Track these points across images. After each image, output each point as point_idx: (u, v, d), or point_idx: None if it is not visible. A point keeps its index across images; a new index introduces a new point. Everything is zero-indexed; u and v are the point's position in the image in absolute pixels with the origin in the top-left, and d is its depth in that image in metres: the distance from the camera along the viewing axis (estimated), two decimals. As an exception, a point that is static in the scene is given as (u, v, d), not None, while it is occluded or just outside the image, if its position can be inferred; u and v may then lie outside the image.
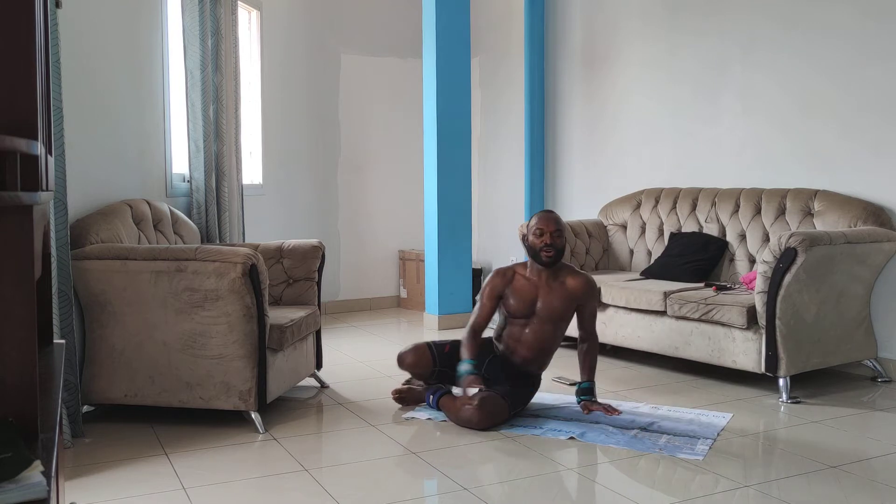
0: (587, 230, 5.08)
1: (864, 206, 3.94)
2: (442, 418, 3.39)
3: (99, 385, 3.30)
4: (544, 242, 3.35)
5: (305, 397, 3.83)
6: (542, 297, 3.39)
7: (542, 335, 3.41)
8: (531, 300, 3.40)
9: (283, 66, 5.92)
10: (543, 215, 3.45)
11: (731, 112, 4.72)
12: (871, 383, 3.94)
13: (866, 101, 4.06)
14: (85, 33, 3.55)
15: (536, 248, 3.37)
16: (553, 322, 3.41)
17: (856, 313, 3.86)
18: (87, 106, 3.56)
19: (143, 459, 2.93)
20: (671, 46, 5.08)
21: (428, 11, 5.55)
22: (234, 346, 3.22)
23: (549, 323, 3.41)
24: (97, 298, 3.28)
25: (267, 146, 5.77)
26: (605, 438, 3.10)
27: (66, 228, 3.03)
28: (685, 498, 2.55)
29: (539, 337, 3.42)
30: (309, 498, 2.58)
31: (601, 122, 5.62)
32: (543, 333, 3.41)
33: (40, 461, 0.96)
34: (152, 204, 3.89)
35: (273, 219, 5.77)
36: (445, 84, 5.50)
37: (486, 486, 2.67)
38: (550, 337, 3.44)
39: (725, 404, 3.59)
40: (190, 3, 4.30)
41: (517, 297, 3.40)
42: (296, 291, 3.96)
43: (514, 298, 3.40)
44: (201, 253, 3.20)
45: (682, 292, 4.04)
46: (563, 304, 3.41)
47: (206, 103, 4.37)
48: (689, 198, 4.78)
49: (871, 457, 2.91)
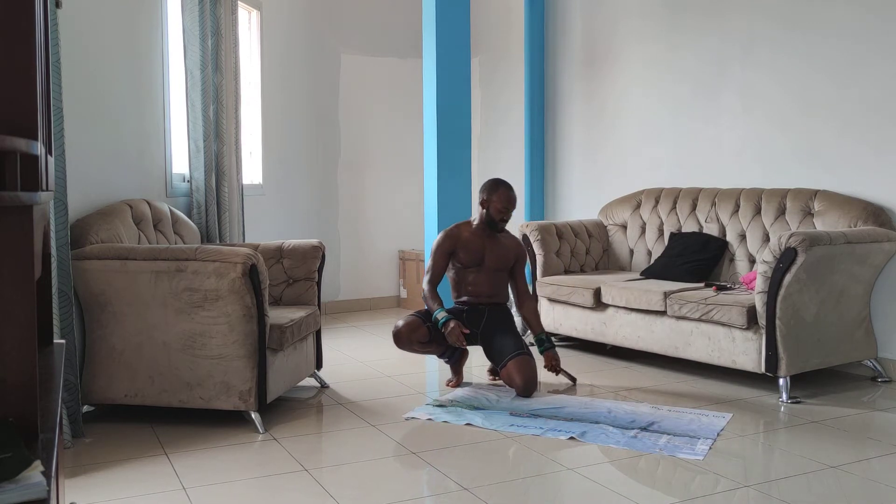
0: (587, 230, 5.08)
1: (864, 206, 3.94)
2: (443, 419, 3.39)
3: (99, 385, 3.30)
4: (502, 217, 3.99)
5: (305, 397, 3.83)
6: (489, 251, 4.04)
7: (492, 277, 4.06)
8: (480, 253, 4.03)
9: (283, 66, 5.92)
10: (511, 197, 4.00)
11: (731, 112, 4.72)
12: (871, 383, 3.94)
13: (866, 100, 4.06)
14: (85, 33, 3.55)
15: (495, 218, 3.98)
16: (498, 270, 4.07)
17: (856, 313, 3.86)
18: (87, 106, 3.56)
19: (143, 459, 2.93)
20: (671, 46, 5.08)
21: (428, 11, 5.55)
22: (234, 346, 3.22)
23: (494, 271, 4.06)
24: (97, 298, 3.28)
25: (267, 146, 5.77)
26: (605, 438, 3.10)
27: (66, 228, 3.03)
28: (685, 498, 2.55)
29: (490, 278, 4.06)
30: (309, 498, 2.58)
31: (601, 121, 5.61)
32: (494, 276, 4.07)
33: (40, 461, 0.96)
34: (152, 204, 3.89)
35: (273, 219, 5.77)
36: (445, 84, 5.50)
37: (486, 486, 2.67)
38: (500, 280, 4.10)
39: (725, 404, 3.59)
40: (190, 3, 4.30)
41: (467, 250, 4.03)
42: (296, 291, 3.96)
43: (464, 253, 4.03)
44: (201, 253, 3.20)
45: (682, 292, 4.04)
46: (504, 256, 4.07)
47: (206, 103, 4.37)
48: (689, 198, 4.78)
49: (871, 457, 2.91)
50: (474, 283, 4.05)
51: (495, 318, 4.01)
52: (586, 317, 4.52)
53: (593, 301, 4.41)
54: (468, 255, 4.03)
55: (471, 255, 4.03)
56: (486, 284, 4.05)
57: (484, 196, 4.00)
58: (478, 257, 4.03)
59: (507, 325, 4.00)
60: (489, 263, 4.03)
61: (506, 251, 4.07)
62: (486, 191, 4.00)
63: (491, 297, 4.06)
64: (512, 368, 3.78)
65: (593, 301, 4.41)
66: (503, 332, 3.95)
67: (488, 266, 4.03)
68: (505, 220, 4.00)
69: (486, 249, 4.03)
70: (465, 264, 4.05)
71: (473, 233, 4.06)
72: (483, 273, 4.04)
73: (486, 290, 4.05)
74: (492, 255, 4.03)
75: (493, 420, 3.36)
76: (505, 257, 4.06)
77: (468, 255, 4.02)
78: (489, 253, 4.03)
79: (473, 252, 4.02)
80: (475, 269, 4.04)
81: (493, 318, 4.01)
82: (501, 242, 4.08)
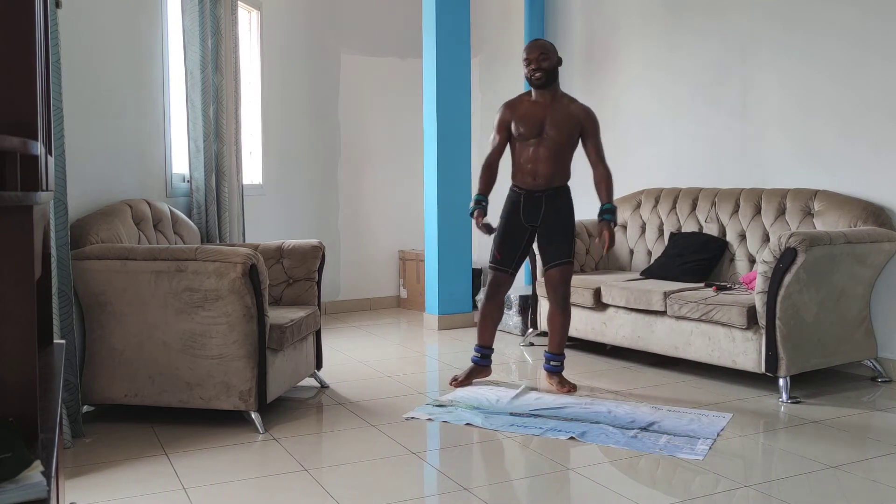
0: (587, 230, 5.08)
1: (864, 206, 3.94)
2: (443, 419, 3.39)
3: (99, 385, 3.30)
4: (531, 68, 3.76)
5: (305, 397, 3.83)
6: (549, 117, 3.78)
7: (554, 149, 3.78)
8: (539, 121, 3.78)
9: (283, 66, 5.92)
10: (528, 44, 3.83)
11: (731, 112, 4.72)
12: (871, 383, 3.94)
13: (866, 100, 4.06)
14: (85, 33, 3.55)
15: (528, 76, 3.79)
16: (560, 145, 3.79)
17: (856, 313, 3.86)
18: (87, 106, 3.56)
19: (143, 459, 2.93)
20: (671, 46, 5.08)
21: (428, 11, 5.55)
22: (234, 346, 3.22)
23: (557, 141, 3.78)
24: (97, 298, 3.28)
25: (267, 146, 5.77)
26: (605, 438, 3.10)
27: (66, 228, 3.03)
28: (685, 498, 2.55)
29: (552, 150, 3.78)
30: (309, 498, 2.58)
31: (601, 121, 5.59)
32: (555, 147, 3.78)
33: (40, 461, 0.96)
34: (152, 204, 3.89)
35: (273, 219, 5.77)
36: (445, 84, 5.50)
37: (486, 486, 2.67)
38: (562, 151, 3.81)
39: (725, 404, 3.59)
40: (190, 3, 4.30)
41: (526, 120, 3.79)
42: (296, 291, 3.96)
43: (522, 124, 3.79)
44: (201, 253, 3.20)
45: (682, 292, 4.04)
46: (567, 124, 3.79)
47: (206, 103, 4.37)
48: (689, 198, 4.78)
49: (871, 457, 2.91)
50: (533, 159, 3.79)
51: (553, 211, 3.83)
52: (586, 317, 4.52)
53: (593, 301, 4.41)
54: (527, 125, 3.79)
55: (529, 124, 3.78)
56: (546, 162, 3.78)
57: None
58: (537, 127, 3.78)
59: (563, 223, 3.84)
60: (550, 133, 3.78)
61: (569, 118, 3.80)
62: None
63: (551, 177, 3.81)
64: (555, 275, 3.80)
65: (593, 301, 4.41)
66: (557, 232, 3.82)
67: (549, 137, 3.78)
68: (536, 70, 3.75)
69: (547, 118, 3.78)
70: (525, 135, 3.80)
71: (533, 102, 3.83)
72: (543, 147, 3.78)
73: (545, 168, 3.79)
74: (553, 123, 3.77)
75: (493, 420, 3.36)
76: (568, 125, 3.79)
77: (526, 124, 3.79)
78: (550, 121, 3.78)
79: (532, 121, 3.78)
80: (535, 141, 3.79)
81: (551, 213, 3.83)
82: (566, 107, 3.82)
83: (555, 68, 3.80)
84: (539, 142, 3.79)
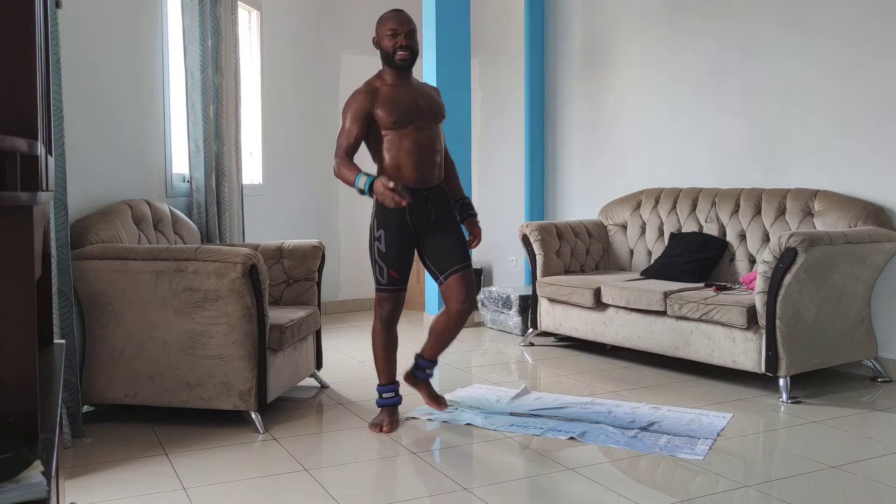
0: (587, 230, 5.08)
1: (864, 206, 3.94)
2: (443, 419, 3.39)
3: (99, 385, 3.30)
4: (399, 44, 3.14)
5: (305, 397, 3.83)
6: (419, 102, 3.19)
7: (433, 138, 3.20)
8: (412, 106, 3.15)
9: (283, 66, 5.91)
10: (395, 13, 3.20)
11: (731, 112, 4.72)
12: (871, 383, 3.94)
13: (866, 100, 4.06)
14: (85, 33, 3.55)
15: (390, 50, 3.15)
16: (437, 124, 3.24)
17: (856, 313, 3.86)
18: (87, 106, 3.56)
19: (143, 459, 2.93)
20: (671, 46, 5.08)
21: (428, 11, 5.55)
22: (234, 346, 3.22)
23: (435, 129, 3.23)
24: (97, 298, 3.28)
25: (267, 146, 5.77)
26: (606, 438, 3.10)
27: (66, 228, 3.03)
28: (685, 498, 2.55)
29: (432, 141, 3.20)
30: (309, 498, 2.58)
31: (601, 121, 5.61)
32: (434, 136, 3.21)
33: (40, 461, 0.96)
34: (152, 204, 3.89)
35: (273, 219, 5.77)
36: (445, 84, 5.50)
37: (486, 486, 2.67)
38: (440, 141, 3.26)
39: (725, 404, 3.59)
40: (190, 3, 4.30)
41: (394, 106, 3.13)
42: (296, 291, 3.96)
43: (390, 110, 3.12)
44: (201, 253, 3.20)
45: (682, 292, 4.04)
46: (438, 105, 3.25)
47: (206, 103, 4.37)
48: (689, 198, 4.78)
49: (871, 457, 2.91)
50: (415, 151, 3.15)
51: (444, 212, 3.27)
52: (586, 317, 4.52)
53: (593, 301, 4.41)
54: (398, 110, 3.12)
55: (400, 108, 3.12)
56: (430, 153, 3.19)
57: (374, 36, 3.24)
58: (411, 110, 3.14)
59: (454, 221, 3.31)
60: (428, 112, 3.19)
61: (434, 102, 3.24)
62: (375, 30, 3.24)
63: (438, 172, 3.24)
64: (456, 283, 3.23)
65: (593, 301, 4.41)
66: (451, 234, 3.26)
67: (427, 115, 3.19)
68: (404, 48, 3.14)
69: (419, 103, 3.18)
70: (397, 124, 3.12)
71: (395, 86, 3.19)
72: (424, 136, 3.17)
73: (430, 161, 3.19)
74: (427, 109, 3.19)
75: (493, 420, 3.36)
76: (439, 105, 3.25)
77: (397, 108, 3.12)
78: (424, 107, 3.19)
79: (403, 104, 3.13)
80: (411, 129, 3.15)
81: (441, 213, 3.26)
82: (428, 92, 3.28)
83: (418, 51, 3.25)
84: (416, 130, 3.16)
